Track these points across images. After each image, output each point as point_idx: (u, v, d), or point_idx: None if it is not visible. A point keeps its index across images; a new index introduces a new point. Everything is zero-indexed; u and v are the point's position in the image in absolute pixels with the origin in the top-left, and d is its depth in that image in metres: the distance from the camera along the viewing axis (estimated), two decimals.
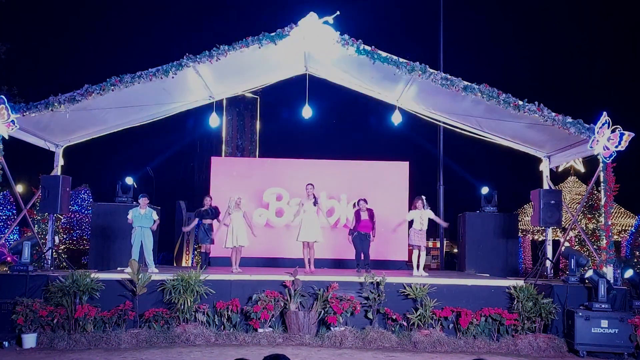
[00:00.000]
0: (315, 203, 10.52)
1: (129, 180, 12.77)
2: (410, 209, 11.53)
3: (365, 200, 10.93)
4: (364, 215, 10.78)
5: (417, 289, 8.75)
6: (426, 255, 10.66)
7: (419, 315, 8.57)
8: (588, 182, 11.73)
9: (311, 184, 10.59)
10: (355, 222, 10.90)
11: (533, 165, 11.73)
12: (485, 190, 12.91)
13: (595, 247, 10.87)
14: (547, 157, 11.34)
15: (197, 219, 11.48)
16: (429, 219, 10.39)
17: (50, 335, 8.11)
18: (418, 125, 13.66)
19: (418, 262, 10.23)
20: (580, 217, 14.16)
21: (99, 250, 11.90)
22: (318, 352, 7.83)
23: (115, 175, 13.68)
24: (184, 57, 9.58)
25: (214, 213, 11.30)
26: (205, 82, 10.65)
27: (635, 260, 14.50)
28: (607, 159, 9.08)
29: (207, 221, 11.25)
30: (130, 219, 10.10)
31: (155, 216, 10.30)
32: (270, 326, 8.55)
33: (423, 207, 10.30)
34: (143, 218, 10.11)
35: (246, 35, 9.54)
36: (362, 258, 10.72)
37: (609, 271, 8.97)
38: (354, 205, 11.17)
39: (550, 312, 8.44)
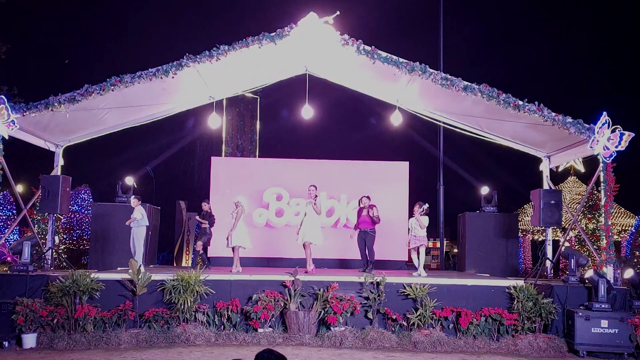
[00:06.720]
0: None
1: (129, 180, 12.76)
2: (410, 209, 11.52)
3: (367, 197, 10.90)
4: (364, 212, 10.78)
5: (417, 289, 8.75)
6: (426, 255, 10.66)
7: (419, 315, 8.57)
8: (588, 182, 11.73)
9: (314, 186, 10.57)
10: (357, 219, 10.97)
11: (533, 165, 11.73)
12: (485, 190, 12.91)
13: (595, 247, 10.87)
14: (547, 157, 11.34)
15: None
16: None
17: (50, 335, 8.11)
18: (418, 125, 13.67)
19: (418, 259, 10.26)
20: (580, 217, 14.16)
21: (99, 250, 11.91)
22: (318, 352, 7.83)
23: (115, 175, 13.69)
24: (184, 57, 9.59)
25: (210, 220, 11.35)
26: (205, 82, 10.65)
27: (635, 260, 14.49)
28: (607, 159, 9.08)
29: (203, 225, 11.36)
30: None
31: None
32: (270, 326, 8.54)
33: (420, 213, 10.28)
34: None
35: (246, 35, 9.57)
36: (367, 257, 10.71)
37: (609, 271, 8.98)
38: (359, 202, 11.11)
39: (550, 312, 8.44)
